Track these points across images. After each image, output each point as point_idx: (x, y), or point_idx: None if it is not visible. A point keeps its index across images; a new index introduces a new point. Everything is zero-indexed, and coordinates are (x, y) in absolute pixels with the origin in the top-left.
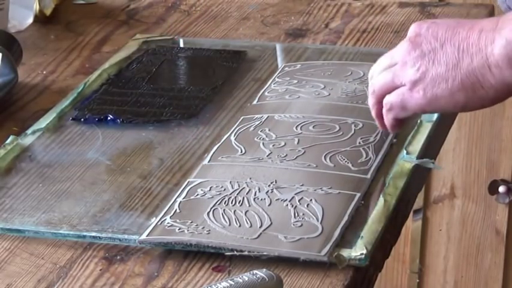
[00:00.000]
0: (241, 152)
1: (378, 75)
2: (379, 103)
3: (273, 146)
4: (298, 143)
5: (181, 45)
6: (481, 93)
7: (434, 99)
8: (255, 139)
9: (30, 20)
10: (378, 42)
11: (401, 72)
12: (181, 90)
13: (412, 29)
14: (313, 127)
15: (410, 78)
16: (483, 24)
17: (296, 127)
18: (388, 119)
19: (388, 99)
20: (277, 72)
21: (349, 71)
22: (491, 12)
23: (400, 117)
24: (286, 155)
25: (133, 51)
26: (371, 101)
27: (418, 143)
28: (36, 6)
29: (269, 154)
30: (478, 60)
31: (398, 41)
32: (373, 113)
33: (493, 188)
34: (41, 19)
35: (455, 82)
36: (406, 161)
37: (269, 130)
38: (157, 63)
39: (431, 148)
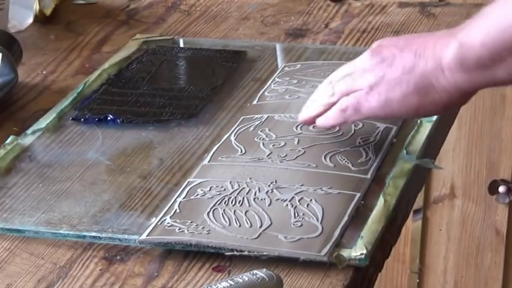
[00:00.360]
0: (241, 152)
1: (338, 80)
2: (333, 104)
3: (273, 146)
4: (298, 143)
5: (181, 45)
6: (435, 98)
7: (387, 102)
8: (255, 139)
9: (30, 20)
10: None
11: (360, 77)
12: (181, 90)
13: (375, 43)
14: (313, 127)
15: (368, 83)
16: (441, 32)
17: (296, 127)
18: (335, 117)
19: (344, 101)
20: (277, 72)
21: None
22: None
23: (351, 120)
24: (286, 155)
25: (133, 51)
26: (325, 101)
27: (418, 143)
28: (36, 6)
29: (269, 154)
30: (432, 63)
31: None
32: (318, 110)
33: (493, 188)
34: (41, 19)
35: (409, 85)
36: (406, 161)
37: (269, 130)
38: (157, 63)
39: (431, 148)
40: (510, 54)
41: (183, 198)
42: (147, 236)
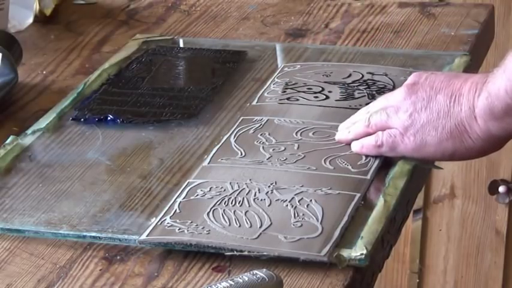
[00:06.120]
0: (241, 154)
1: (374, 112)
2: (369, 134)
3: (273, 150)
4: (298, 148)
5: (181, 45)
6: (469, 143)
7: (423, 145)
8: (255, 142)
9: (30, 20)
10: (377, 43)
11: (394, 115)
12: (181, 90)
13: (412, 77)
14: (313, 134)
15: (403, 124)
16: (476, 78)
17: (296, 133)
18: (370, 150)
19: (381, 137)
20: (277, 73)
21: (348, 72)
22: (491, 12)
23: (386, 155)
24: (286, 158)
25: (133, 51)
26: (362, 129)
27: None
28: (36, 6)
29: (269, 158)
30: (466, 110)
31: (398, 41)
32: (355, 137)
33: (493, 188)
34: (41, 19)
35: (444, 130)
36: (406, 161)
37: (269, 134)
38: (157, 63)
39: None
40: None
41: (183, 198)
42: (147, 236)
